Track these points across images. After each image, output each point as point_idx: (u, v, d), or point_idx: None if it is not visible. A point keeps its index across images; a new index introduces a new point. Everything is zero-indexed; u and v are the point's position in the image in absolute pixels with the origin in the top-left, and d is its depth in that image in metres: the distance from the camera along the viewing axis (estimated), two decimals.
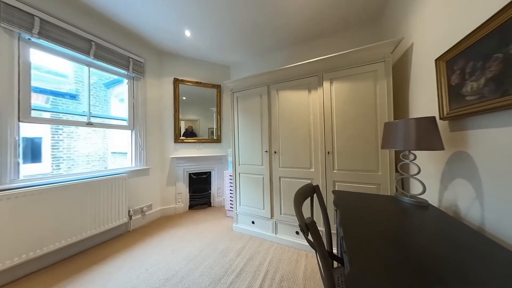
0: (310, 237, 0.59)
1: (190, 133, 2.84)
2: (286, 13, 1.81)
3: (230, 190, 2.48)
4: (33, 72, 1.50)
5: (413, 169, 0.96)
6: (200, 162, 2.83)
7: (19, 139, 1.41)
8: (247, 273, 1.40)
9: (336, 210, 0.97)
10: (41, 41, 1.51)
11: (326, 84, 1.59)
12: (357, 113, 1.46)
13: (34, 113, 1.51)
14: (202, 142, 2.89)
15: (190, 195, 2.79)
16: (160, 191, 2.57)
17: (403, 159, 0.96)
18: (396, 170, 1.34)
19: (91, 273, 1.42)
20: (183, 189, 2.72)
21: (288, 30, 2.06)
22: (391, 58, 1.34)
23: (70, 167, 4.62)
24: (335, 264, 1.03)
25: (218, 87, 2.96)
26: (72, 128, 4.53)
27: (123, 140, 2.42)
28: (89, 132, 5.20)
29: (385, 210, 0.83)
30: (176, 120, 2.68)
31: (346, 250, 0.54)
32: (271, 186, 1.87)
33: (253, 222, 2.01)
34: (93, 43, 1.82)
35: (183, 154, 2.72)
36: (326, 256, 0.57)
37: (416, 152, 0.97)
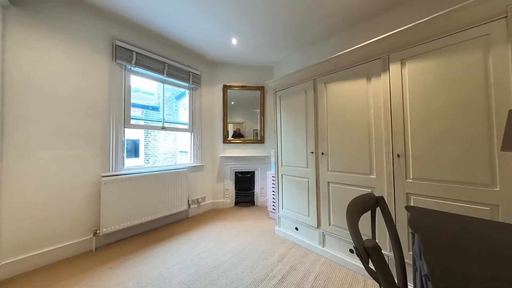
0: (371, 265, 0.44)
1: (238, 135, 3.04)
2: None
3: (273, 191, 2.44)
4: (133, 93, 2.08)
5: None
6: (244, 162, 2.97)
7: (124, 140, 1.99)
8: (290, 283, 1.29)
9: (412, 234, 0.71)
10: (137, 69, 2.07)
11: (394, 68, 1.24)
12: (449, 101, 1.04)
13: (133, 122, 2.09)
14: (247, 143, 3.01)
15: (236, 192, 2.98)
16: (211, 186, 2.90)
17: None
18: None
19: (157, 248, 1.76)
20: (230, 186, 2.94)
21: (340, 10, 1.79)
22: None
23: (154, 162, 6.21)
24: None
25: (261, 88, 3.02)
26: (155, 132, 6.13)
27: (186, 141, 2.91)
28: (166, 135, 6.81)
29: None
30: (225, 123, 2.94)
31: None
32: (317, 191, 1.67)
33: (296, 229, 1.86)
34: (166, 64, 2.30)
35: (230, 153, 2.94)
36: None
37: None
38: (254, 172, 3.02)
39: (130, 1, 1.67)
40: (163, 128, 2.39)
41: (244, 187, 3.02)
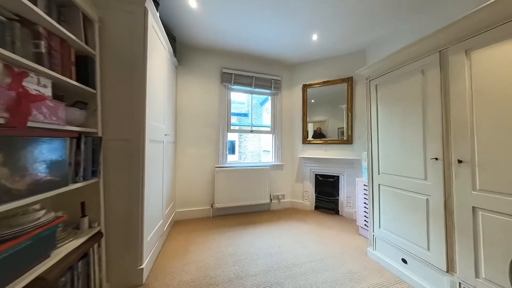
0: None
1: (319, 135, 2.85)
2: None
3: (365, 203, 1.99)
4: (232, 104, 2.73)
5: None
6: (326, 164, 2.70)
7: (227, 142, 2.66)
8: None
9: None
10: (234, 86, 2.67)
11: None
12: None
13: (232, 127, 2.74)
14: (329, 143, 2.72)
15: (316, 196, 2.80)
16: (291, 185, 2.97)
17: None
18: None
19: (247, 229, 2.12)
20: (309, 188, 2.82)
21: None
22: None
23: (244, 158, 7.68)
24: None
25: (348, 80, 2.57)
26: (246, 134, 7.62)
27: (268, 141, 3.25)
28: (253, 136, 8.11)
29: None
30: (304, 123, 2.88)
31: None
32: (447, 218, 1.11)
33: (404, 261, 1.37)
34: (253, 77, 2.72)
35: (310, 154, 2.82)
36: None
37: None
38: (338, 176, 2.66)
39: (236, 37, 2.21)
40: (251, 131, 2.86)
41: (326, 192, 2.75)
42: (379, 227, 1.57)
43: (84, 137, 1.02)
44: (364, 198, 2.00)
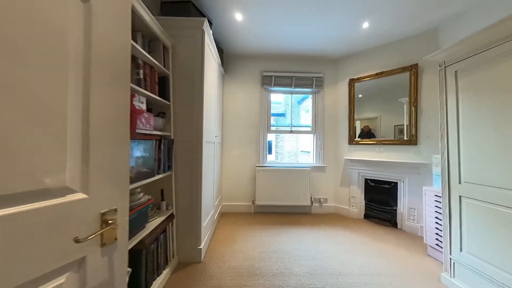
0: None
1: (367, 134, 2.53)
2: None
3: (437, 218, 1.62)
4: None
5: None
6: (380, 168, 2.36)
7: (267, 142, 2.76)
8: None
9: None
10: (274, 88, 2.74)
11: None
12: None
13: (271, 128, 2.82)
14: (384, 144, 2.36)
15: (366, 203, 2.50)
16: (334, 189, 2.76)
17: None
18: None
19: (286, 229, 2.13)
20: (357, 194, 2.54)
21: None
22: None
23: (281, 158, 7.65)
24: None
25: (411, 68, 2.15)
26: (282, 134, 7.58)
27: (307, 142, 3.14)
28: (289, 136, 7.94)
29: None
30: (351, 121, 2.61)
31: None
32: None
33: None
34: (293, 77, 2.70)
35: (358, 156, 2.53)
36: None
37: None
38: (396, 183, 2.27)
39: (276, 40, 2.27)
40: (291, 131, 2.85)
41: (379, 200, 2.40)
42: (461, 250, 1.26)
43: (163, 139, 1.33)
44: (436, 212, 1.64)
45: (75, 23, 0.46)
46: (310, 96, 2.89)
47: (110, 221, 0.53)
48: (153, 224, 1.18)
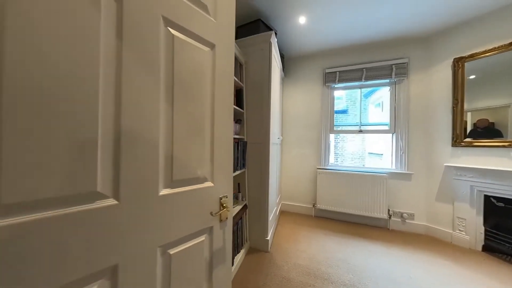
0: None
1: (485, 131, 1.77)
2: None
3: None
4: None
5: None
6: None
7: (329, 143, 2.57)
8: None
9: None
10: (338, 84, 2.50)
11: None
12: None
13: (335, 128, 2.60)
14: None
15: (486, 230, 1.77)
16: (425, 203, 2.15)
17: None
18: None
19: (354, 241, 1.90)
20: (469, 215, 1.84)
21: None
22: None
23: (342, 161, 6.74)
24: None
25: None
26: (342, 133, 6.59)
27: (380, 142, 2.61)
28: (353, 136, 6.85)
29: None
30: (456, 114, 1.92)
31: None
32: None
33: None
34: (364, 69, 2.34)
35: (470, 163, 1.83)
36: None
37: None
38: None
39: (342, 34, 2.10)
40: (360, 131, 2.49)
41: (509, 227, 1.63)
42: None
43: (240, 141, 1.59)
44: None
45: (210, 65, 0.68)
46: (388, 88, 2.39)
47: (223, 204, 0.74)
48: (235, 210, 1.45)
